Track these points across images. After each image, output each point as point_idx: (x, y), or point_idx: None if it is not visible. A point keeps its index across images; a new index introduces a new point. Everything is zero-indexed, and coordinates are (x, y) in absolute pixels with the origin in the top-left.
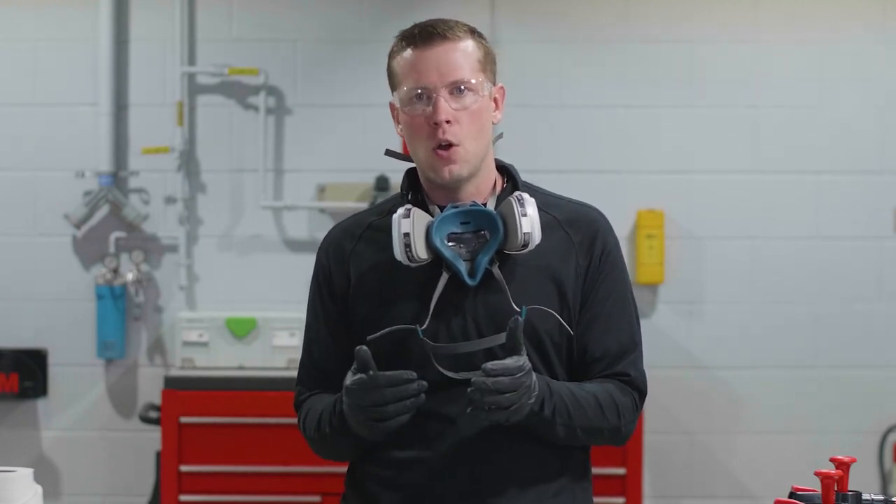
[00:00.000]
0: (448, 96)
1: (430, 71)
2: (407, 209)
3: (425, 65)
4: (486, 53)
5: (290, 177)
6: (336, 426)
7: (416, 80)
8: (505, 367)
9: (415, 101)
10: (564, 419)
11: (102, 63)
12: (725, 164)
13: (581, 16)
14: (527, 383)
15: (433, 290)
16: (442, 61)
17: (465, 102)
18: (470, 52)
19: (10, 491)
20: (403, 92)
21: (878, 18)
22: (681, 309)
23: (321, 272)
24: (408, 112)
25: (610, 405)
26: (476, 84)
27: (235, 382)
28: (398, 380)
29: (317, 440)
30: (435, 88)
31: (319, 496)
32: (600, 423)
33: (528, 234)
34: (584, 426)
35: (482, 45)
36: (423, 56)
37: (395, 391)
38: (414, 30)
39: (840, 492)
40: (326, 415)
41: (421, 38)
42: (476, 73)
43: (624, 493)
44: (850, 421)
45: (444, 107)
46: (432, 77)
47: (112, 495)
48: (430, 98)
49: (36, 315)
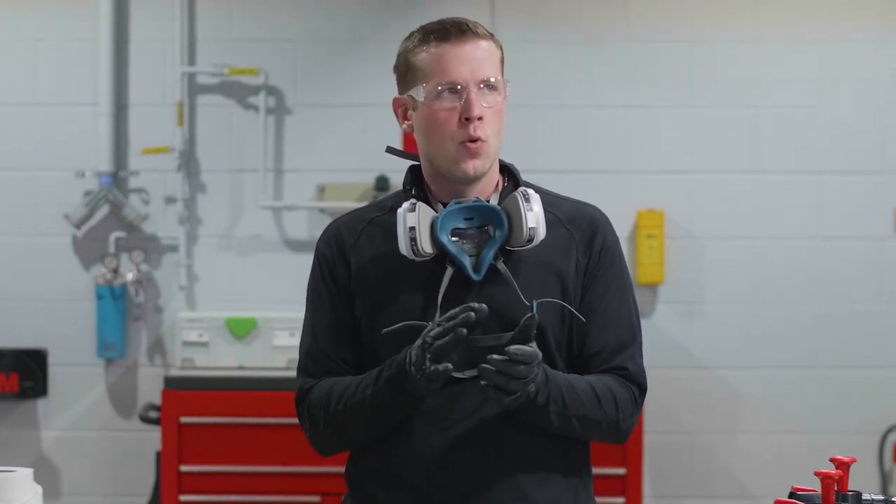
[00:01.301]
0: (478, 92)
1: (462, 66)
2: (412, 203)
3: (457, 60)
4: (502, 55)
5: (290, 177)
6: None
7: (448, 75)
8: (525, 353)
9: (445, 95)
10: (559, 407)
11: (102, 63)
12: (725, 164)
13: (581, 16)
14: (536, 372)
15: (437, 285)
16: (473, 57)
17: (492, 100)
18: (493, 51)
19: (10, 491)
20: (431, 86)
21: (878, 18)
22: (681, 309)
23: (323, 261)
24: (434, 106)
25: (607, 397)
26: (500, 83)
27: (235, 382)
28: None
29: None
30: (467, 84)
31: (319, 496)
32: (597, 414)
33: (533, 228)
34: (579, 415)
35: (500, 47)
36: (455, 51)
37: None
38: (444, 25)
39: (840, 492)
40: (371, 377)
41: (454, 32)
42: (498, 73)
43: (624, 493)
44: (850, 421)
45: (478, 102)
46: (464, 72)
47: (112, 495)
48: (458, 93)
49: (36, 315)
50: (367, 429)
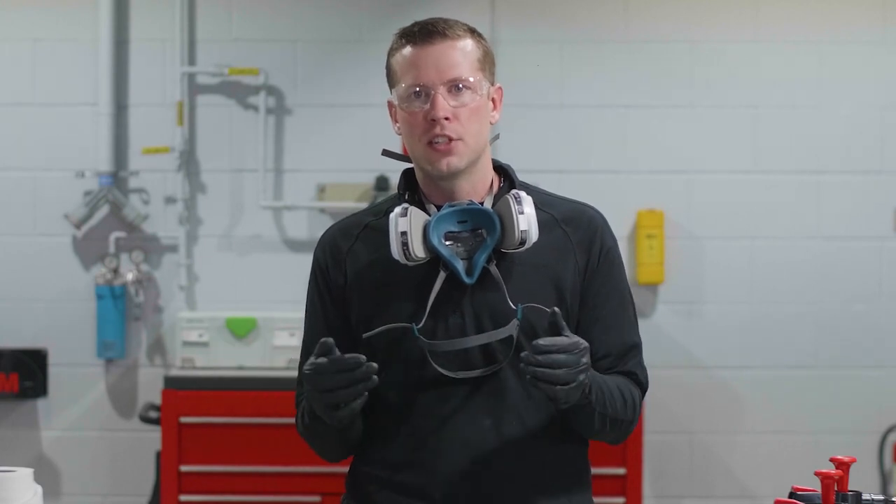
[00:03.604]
0: (446, 94)
1: (429, 68)
2: (404, 208)
3: (424, 62)
4: (486, 53)
5: (290, 177)
6: (311, 415)
7: (415, 78)
8: (556, 343)
9: (413, 97)
10: (602, 408)
11: (102, 63)
12: (725, 164)
13: (581, 16)
14: (584, 360)
15: (430, 289)
16: (441, 59)
17: (464, 100)
18: (469, 51)
19: (10, 491)
20: (402, 89)
21: (878, 18)
22: (681, 309)
23: (318, 270)
24: (406, 109)
25: (630, 399)
26: (474, 82)
27: (235, 382)
28: (346, 364)
29: (305, 434)
30: (433, 86)
31: (319, 496)
32: (623, 415)
33: (525, 231)
34: (613, 417)
35: (481, 45)
36: (422, 54)
37: (344, 377)
38: (414, 27)
39: (840, 492)
40: (307, 404)
41: (420, 35)
42: (474, 72)
43: (624, 493)
44: (850, 421)
45: (443, 104)
46: (431, 74)
47: (112, 495)
48: (428, 95)
49: (36, 315)
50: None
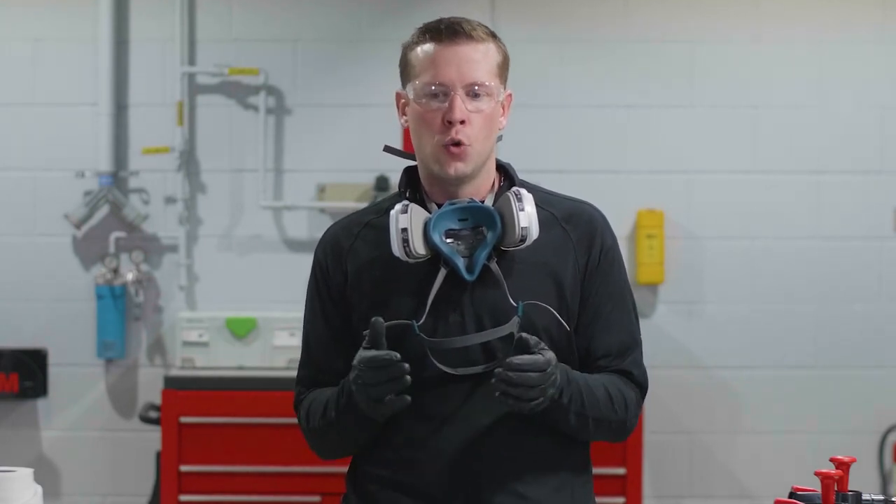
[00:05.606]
0: (464, 96)
1: (451, 68)
2: (405, 205)
3: (446, 61)
4: (504, 59)
5: (290, 177)
6: (343, 406)
7: (435, 75)
8: (534, 362)
9: (430, 95)
10: (578, 407)
11: (102, 63)
12: (725, 164)
13: (581, 16)
14: (553, 376)
15: (431, 287)
16: (463, 60)
17: (480, 105)
18: (490, 55)
19: (10, 491)
20: (419, 85)
21: (878, 18)
22: (681, 309)
23: (318, 270)
24: (421, 105)
25: (619, 398)
26: (492, 88)
27: (235, 382)
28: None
29: (321, 430)
30: (453, 86)
31: (319, 496)
32: (609, 414)
33: (525, 228)
34: (595, 416)
35: (501, 50)
36: (445, 52)
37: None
38: (440, 24)
39: (840, 492)
40: (334, 397)
41: (446, 33)
42: (493, 77)
43: (624, 493)
44: (850, 421)
45: (461, 106)
46: (451, 74)
47: (112, 495)
48: (446, 95)
49: (36, 315)
50: (344, 444)
